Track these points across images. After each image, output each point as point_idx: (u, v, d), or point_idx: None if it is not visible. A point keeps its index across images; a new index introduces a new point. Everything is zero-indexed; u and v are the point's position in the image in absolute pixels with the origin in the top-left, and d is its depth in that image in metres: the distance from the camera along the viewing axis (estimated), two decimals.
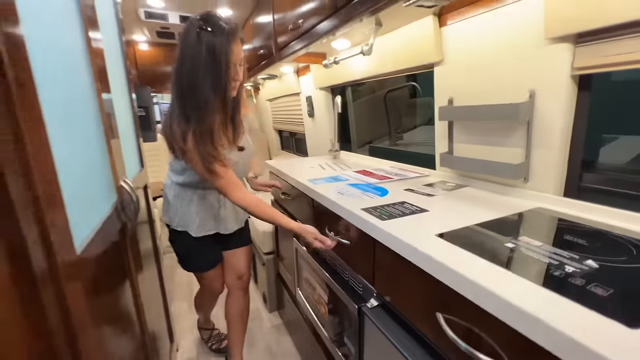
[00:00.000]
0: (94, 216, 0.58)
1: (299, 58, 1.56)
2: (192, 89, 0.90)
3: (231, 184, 0.97)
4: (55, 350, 0.36)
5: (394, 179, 1.12)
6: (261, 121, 3.59)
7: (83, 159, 0.57)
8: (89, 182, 0.59)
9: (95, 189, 0.61)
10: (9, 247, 0.31)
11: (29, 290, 0.34)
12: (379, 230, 0.69)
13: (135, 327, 0.80)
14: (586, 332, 0.34)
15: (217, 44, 0.87)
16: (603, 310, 0.38)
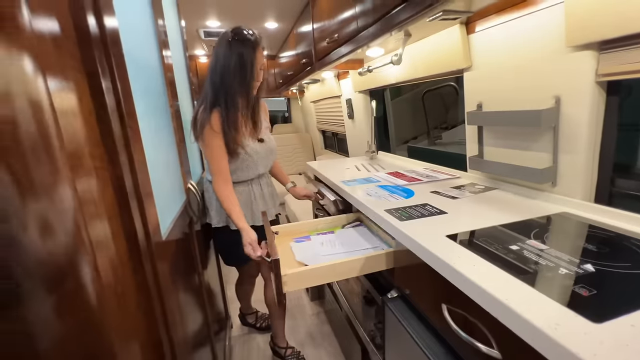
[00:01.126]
0: (172, 211, 0.78)
1: (337, 65, 1.67)
2: (224, 84, 1.10)
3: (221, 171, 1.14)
4: (152, 303, 0.54)
5: (423, 181, 1.18)
6: (306, 122, 3.77)
7: (163, 164, 0.76)
8: (168, 183, 0.78)
9: (171, 189, 0.81)
10: (128, 232, 0.49)
11: (137, 262, 0.52)
12: (396, 229, 0.78)
13: (200, 299, 1.00)
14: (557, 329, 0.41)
15: (244, 51, 1.08)
16: (577, 308, 0.43)
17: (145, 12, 0.77)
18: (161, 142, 0.77)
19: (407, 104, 2.27)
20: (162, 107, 0.82)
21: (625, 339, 0.38)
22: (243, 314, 1.81)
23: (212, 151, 1.12)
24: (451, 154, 1.51)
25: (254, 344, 1.67)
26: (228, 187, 1.15)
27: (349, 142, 2.45)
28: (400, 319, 0.78)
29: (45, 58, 0.34)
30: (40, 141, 0.32)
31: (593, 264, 0.54)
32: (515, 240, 0.65)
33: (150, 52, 0.77)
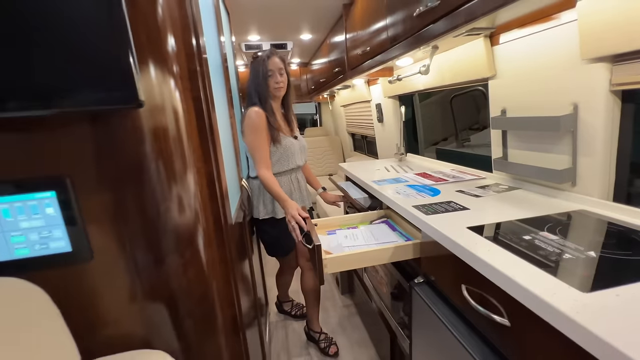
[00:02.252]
0: (233, 205, 0.95)
1: (368, 74, 1.79)
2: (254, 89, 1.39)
3: (264, 159, 1.33)
4: (229, 273, 0.71)
5: (449, 181, 1.27)
6: (336, 125, 3.92)
7: (228, 164, 0.93)
8: (231, 180, 0.95)
9: (233, 185, 0.98)
10: (216, 215, 0.66)
11: (220, 239, 0.68)
12: (422, 222, 0.89)
13: (250, 281, 1.17)
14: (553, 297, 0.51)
15: (257, 65, 1.38)
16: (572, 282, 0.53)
17: (212, 31, 0.94)
18: (225, 145, 0.94)
19: (435, 106, 2.34)
20: (224, 113, 1.00)
21: (606, 303, 0.47)
22: (280, 302, 1.98)
23: (255, 141, 1.32)
24: (478, 155, 1.57)
25: (290, 329, 1.84)
26: (270, 172, 1.35)
27: (378, 144, 2.56)
28: (427, 300, 0.89)
29: (178, 83, 0.51)
30: (177, 140, 0.49)
31: (596, 251, 0.63)
32: (528, 232, 0.74)
33: (216, 67, 0.94)
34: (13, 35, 0.31)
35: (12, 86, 0.32)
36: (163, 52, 0.50)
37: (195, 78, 0.59)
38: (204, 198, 0.59)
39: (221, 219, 0.67)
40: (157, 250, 0.46)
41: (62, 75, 0.33)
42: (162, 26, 0.49)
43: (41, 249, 0.42)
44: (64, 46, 0.32)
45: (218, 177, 0.68)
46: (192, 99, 0.58)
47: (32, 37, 0.31)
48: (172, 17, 0.52)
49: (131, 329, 0.46)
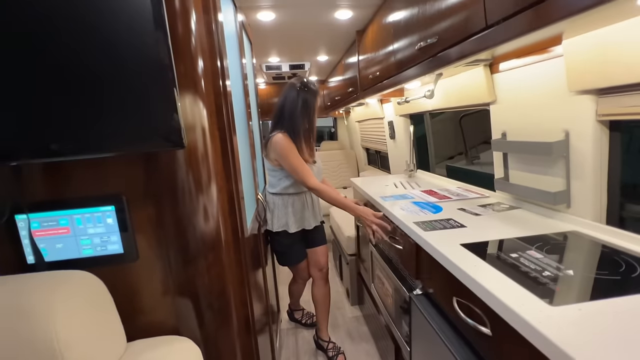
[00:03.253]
0: (249, 216, 1.06)
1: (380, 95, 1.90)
2: (292, 120, 1.45)
3: (308, 173, 1.40)
4: (243, 276, 0.81)
5: (452, 199, 1.34)
6: (351, 139, 4.03)
7: (246, 178, 1.05)
8: (248, 194, 1.07)
9: (249, 198, 1.10)
10: (234, 227, 0.77)
11: (237, 248, 0.79)
12: (421, 238, 0.97)
13: (263, 289, 1.27)
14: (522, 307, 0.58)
15: (309, 99, 1.45)
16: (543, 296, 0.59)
17: (235, 55, 1.08)
18: (244, 160, 1.07)
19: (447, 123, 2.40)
20: (243, 128, 1.13)
21: (567, 316, 0.54)
22: (291, 310, 2.06)
23: (294, 160, 1.40)
24: (485, 174, 1.62)
25: (300, 336, 1.91)
26: (318, 182, 1.41)
27: (390, 160, 2.63)
28: (424, 312, 0.96)
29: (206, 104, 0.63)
30: (204, 156, 0.61)
31: (575, 270, 0.68)
32: (517, 250, 0.81)
33: (238, 86, 1.07)
34: (93, 98, 0.44)
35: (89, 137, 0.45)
36: (195, 76, 0.61)
37: (220, 99, 0.70)
38: (224, 211, 0.71)
39: (238, 229, 0.78)
40: (186, 253, 0.57)
41: (129, 128, 0.46)
42: (195, 53, 0.61)
43: (101, 250, 0.55)
44: (131, 106, 0.45)
45: (237, 193, 0.80)
46: (217, 119, 0.70)
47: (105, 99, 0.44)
48: (202, 44, 0.64)
49: (163, 318, 0.57)
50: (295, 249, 1.59)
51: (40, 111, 0.44)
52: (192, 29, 0.59)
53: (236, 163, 0.79)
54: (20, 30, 0.42)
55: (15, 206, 0.52)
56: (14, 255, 0.55)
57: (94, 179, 0.55)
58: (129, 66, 0.46)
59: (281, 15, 1.76)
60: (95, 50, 0.43)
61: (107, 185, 0.55)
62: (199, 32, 0.61)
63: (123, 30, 0.42)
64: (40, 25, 0.42)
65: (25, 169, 0.53)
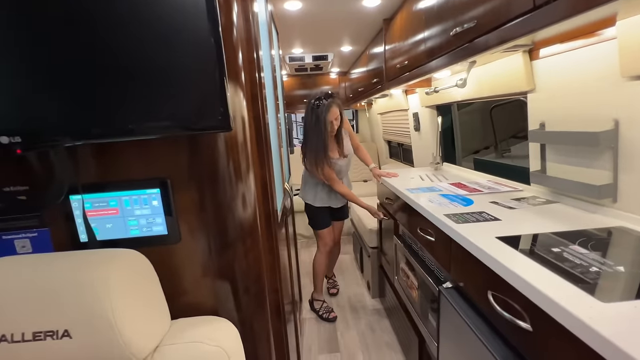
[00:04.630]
0: (279, 205, 1.07)
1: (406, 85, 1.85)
2: (307, 135, 1.80)
3: (334, 181, 1.81)
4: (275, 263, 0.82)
5: (483, 192, 1.29)
6: (372, 132, 3.97)
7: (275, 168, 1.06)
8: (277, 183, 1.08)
9: (278, 189, 1.11)
10: (268, 214, 0.78)
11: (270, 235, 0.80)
12: (453, 231, 0.94)
13: (288, 276, 1.29)
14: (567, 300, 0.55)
15: (319, 113, 1.70)
16: (593, 293, 0.56)
17: (266, 46, 1.08)
18: (274, 149, 1.07)
19: (475, 115, 2.31)
20: (273, 120, 1.13)
21: (622, 312, 0.51)
22: (313, 300, 2.09)
23: (322, 172, 1.78)
24: (516, 167, 1.56)
25: (321, 325, 1.93)
26: (343, 186, 1.86)
27: (414, 152, 2.58)
28: (455, 305, 0.94)
29: (246, 94, 0.64)
30: (243, 144, 0.61)
31: (626, 267, 0.64)
32: (559, 245, 0.77)
33: (268, 80, 1.07)
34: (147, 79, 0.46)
35: (141, 118, 0.47)
36: (236, 66, 0.61)
37: (256, 89, 0.70)
38: (259, 197, 0.71)
39: (270, 216, 0.79)
40: (225, 237, 0.59)
41: (180, 108, 0.47)
42: (236, 43, 0.61)
43: (147, 231, 0.57)
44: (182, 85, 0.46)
45: (269, 180, 0.80)
46: (252, 108, 0.70)
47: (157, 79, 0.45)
48: (241, 34, 0.64)
49: (203, 299, 0.59)
50: (321, 217, 1.93)
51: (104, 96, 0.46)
52: (233, 19, 0.59)
53: (269, 152, 0.80)
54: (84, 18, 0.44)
55: (71, 187, 0.55)
56: (68, 233, 0.58)
57: (142, 163, 0.57)
58: (183, 56, 0.47)
59: (308, 4, 1.74)
60: (153, 39, 0.44)
61: (153, 169, 0.57)
62: (239, 22, 0.62)
63: (179, 22, 0.43)
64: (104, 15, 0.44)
65: (80, 152, 0.56)
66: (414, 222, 1.34)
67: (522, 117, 2.02)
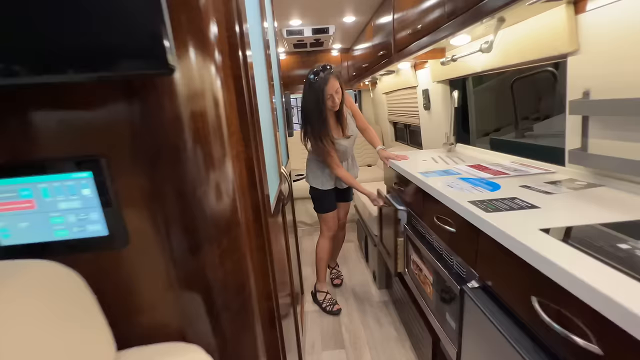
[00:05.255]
0: (272, 192, 0.91)
1: (418, 56, 1.65)
2: (306, 113, 1.67)
3: (332, 162, 1.69)
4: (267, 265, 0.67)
5: (510, 175, 1.12)
6: (376, 113, 3.76)
7: (268, 151, 0.89)
8: (271, 167, 0.91)
9: (272, 174, 0.94)
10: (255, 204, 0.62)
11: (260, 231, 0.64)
12: (483, 221, 0.78)
13: (286, 273, 1.14)
14: None
15: (316, 86, 1.56)
16: None
17: (256, 17, 0.90)
18: (266, 132, 0.90)
19: (490, 93, 2.10)
20: (265, 100, 0.95)
21: None
22: (316, 291, 1.96)
23: (322, 152, 1.68)
24: (543, 147, 1.38)
25: (324, 319, 1.81)
26: (343, 170, 1.73)
27: (423, 134, 2.39)
28: (482, 308, 0.79)
29: (219, 68, 0.47)
30: (217, 125, 0.45)
31: None
32: (624, 240, 0.60)
33: (259, 52, 0.90)
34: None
35: (48, 49, 0.30)
36: (204, 35, 0.45)
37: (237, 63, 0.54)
38: (242, 183, 0.55)
39: (260, 207, 0.63)
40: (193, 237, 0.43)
41: (92, 37, 0.30)
42: (205, 9, 0.45)
43: (79, 231, 0.41)
44: (96, 6, 0.29)
45: (258, 162, 0.64)
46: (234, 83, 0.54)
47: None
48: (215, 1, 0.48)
49: (166, 319, 0.44)
50: (326, 200, 1.83)
51: None
52: None
53: (257, 129, 0.63)
54: None
55: None
56: None
57: (64, 134, 0.40)
58: None
59: None
60: None
61: (81, 144, 0.40)
62: None
63: None
64: None
65: None
66: (429, 210, 1.18)
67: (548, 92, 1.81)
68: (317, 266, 1.94)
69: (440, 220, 1.07)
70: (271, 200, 0.84)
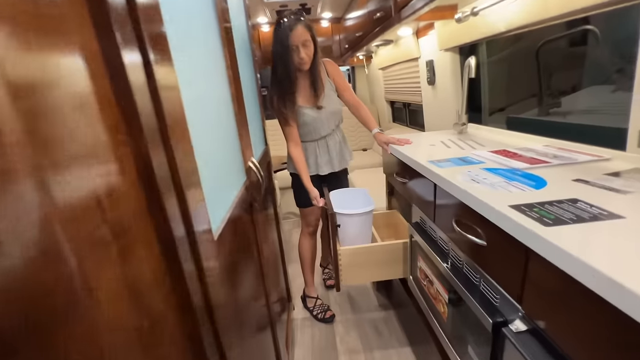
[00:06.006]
0: (227, 200, 0.63)
1: (422, 15, 1.33)
2: (274, 67, 1.34)
3: (289, 135, 1.41)
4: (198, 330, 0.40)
5: (552, 164, 0.85)
6: (372, 92, 3.44)
7: (217, 140, 0.61)
8: (223, 164, 0.63)
9: (228, 171, 0.66)
10: (163, 234, 0.34)
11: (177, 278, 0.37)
12: (540, 239, 0.52)
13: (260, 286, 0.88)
14: None
15: (280, 35, 1.25)
16: None
17: None
18: (217, 114, 0.61)
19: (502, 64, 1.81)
20: (218, 73, 0.66)
21: None
22: (305, 296, 1.73)
23: (280, 123, 1.41)
24: (583, 126, 1.10)
25: (315, 329, 1.59)
26: (297, 149, 1.41)
27: (426, 113, 2.10)
28: None
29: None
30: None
31: None
32: None
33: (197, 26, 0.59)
34: None
35: None
36: None
37: (144, 25, 0.27)
38: (126, 202, 0.27)
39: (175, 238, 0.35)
40: None
41: None
42: None
43: None
44: None
45: (172, 163, 0.35)
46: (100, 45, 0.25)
47: None
48: None
49: None
50: (304, 192, 1.46)
51: None
52: None
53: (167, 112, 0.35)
54: None
55: None
56: None
57: None
58: None
59: None
60: None
61: None
62: None
63: None
64: None
65: None
66: (444, 211, 0.91)
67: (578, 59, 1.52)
68: (302, 269, 1.70)
69: (462, 226, 0.80)
70: (221, 216, 0.56)
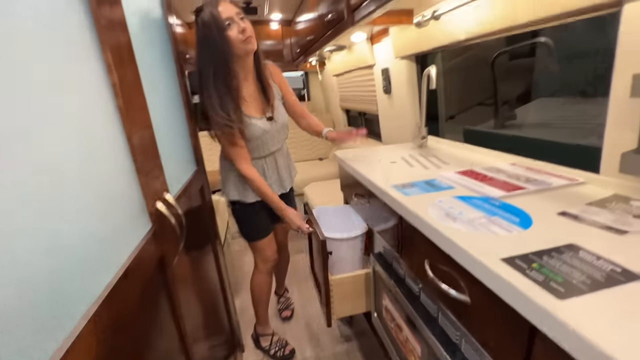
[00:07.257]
0: (112, 262, 0.40)
1: (377, 19, 1.21)
2: (201, 73, 1.01)
3: (237, 154, 1.11)
4: None
5: (528, 190, 0.75)
6: (327, 100, 3.31)
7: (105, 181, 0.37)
8: (116, 214, 0.40)
9: (120, 221, 0.43)
10: None
11: None
12: (557, 322, 0.37)
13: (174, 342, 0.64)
14: None
15: (207, 18, 0.96)
16: None
17: None
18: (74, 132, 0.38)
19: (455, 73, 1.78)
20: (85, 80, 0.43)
21: None
22: (257, 335, 1.49)
23: (220, 139, 1.10)
24: (549, 142, 1.05)
25: None
26: (249, 166, 1.14)
27: (382, 122, 2.00)
28: None
29: None
30: None
31: None
32: None
33: None
34: None
35: None
36: None
37: None
38: None
39: None
40: None
41: None
42: None
43: None
44: None
45: None
46: None
47: None
48: None
49: None
50: (255, 219, 1.25)
51: None
52: None
53: None
54: None
55: None
56: None
57: None
58: None
59: None
60: None
61: None
62: None
63: None
64: None
65: None
66: (416, 250, 0.76)
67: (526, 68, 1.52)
68: (255, 308, 1.44)
69: (437, 271, 0.65)
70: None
